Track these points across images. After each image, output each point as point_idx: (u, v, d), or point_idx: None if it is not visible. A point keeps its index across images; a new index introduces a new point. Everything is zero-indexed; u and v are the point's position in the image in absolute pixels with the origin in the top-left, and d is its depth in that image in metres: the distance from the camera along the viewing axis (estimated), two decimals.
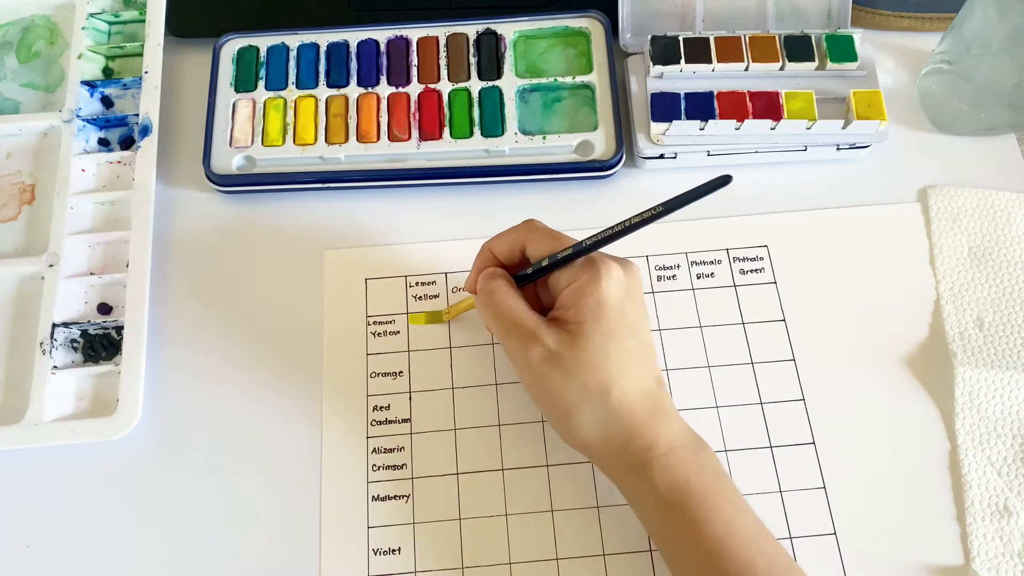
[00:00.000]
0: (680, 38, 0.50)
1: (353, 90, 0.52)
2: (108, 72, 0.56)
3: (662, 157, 0.50)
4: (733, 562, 0.34)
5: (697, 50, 0.50)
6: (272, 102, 0.52)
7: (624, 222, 0.37)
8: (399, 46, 0.54)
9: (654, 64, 0.50)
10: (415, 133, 0.51)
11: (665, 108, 0.49)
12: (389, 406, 0.46)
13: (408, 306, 0.48)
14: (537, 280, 0.40)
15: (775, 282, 0.48)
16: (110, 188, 0.51)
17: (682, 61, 0.50)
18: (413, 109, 0.52)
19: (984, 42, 0.47)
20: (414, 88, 0.52)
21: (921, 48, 0.54)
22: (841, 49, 0.50)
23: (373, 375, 0.46)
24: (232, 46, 0.54)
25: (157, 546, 0.43)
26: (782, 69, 0.50)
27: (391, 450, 0.44)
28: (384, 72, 0.53)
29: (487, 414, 0.45)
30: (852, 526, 0.42)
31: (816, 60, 0.50)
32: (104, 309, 0.49)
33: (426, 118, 0.51)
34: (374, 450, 0.45)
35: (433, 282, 0.49)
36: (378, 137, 0.51)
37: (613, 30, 0.53)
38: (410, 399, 0.46)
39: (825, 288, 0.48)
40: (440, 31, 0.54)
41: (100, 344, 0.47)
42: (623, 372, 0.37)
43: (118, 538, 0.43)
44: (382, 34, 0.54)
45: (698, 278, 0.48)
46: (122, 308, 0.48)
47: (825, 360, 0.46)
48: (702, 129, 0.49)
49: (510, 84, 0.52)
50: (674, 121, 0.49)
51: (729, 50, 0.50)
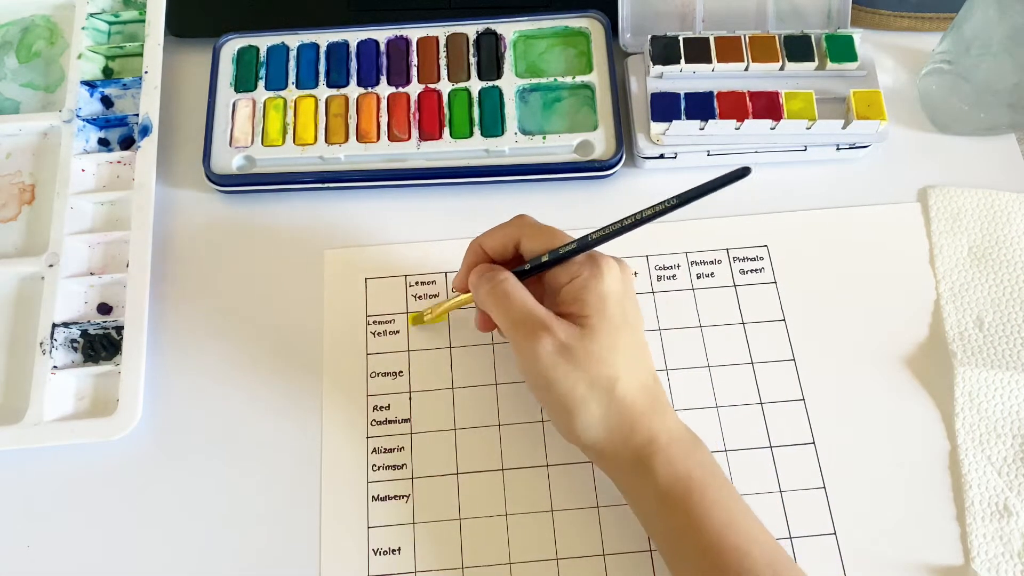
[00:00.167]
0: (680, 38, 0.50)
1: (353, 90, 0.52)
2: (108, 72, 0.56)
3: (662, 157, 0.50)
4: (732, 555, 0.34)
5: (697, 50, 0.50)
6: (272, 102, 0.52)
7: (635, 215, 0.36)
8: (399, 46, 0.54)
9: (654, 64, 0.50)
10: (415, 133, 0.51)
11: (665, 108, 0.49)
12: (389, 406, 0.46)
13: (408, 306, 0.48)
14: (533, 277, 0.40)
15: (775, 282, 0.48)
16: (110, 188, 0.51)
17: (682, 61, 0.50)
18: (413, 109, 0.52)
19: (984, 42, 0.47)
20: (414, 88, 0.52)
21: (921, 48, 0.54)
22: (841, 49, 0.50)
23: (373, 375, 0.46)
24: (232, 46, 0.54)
25: (157, 546, 0.43)
26: (782, 69, 0.50)
27: (391, 450, 0.44)
28: (384, 72, 0.53)
29: (487, 414, 0.45)
30: (852, 526, 0.42)
31: (816, 60, 0.50)
32: (104, 309, 0.49)
33: (426, 118, 0.51)
34: (374, 450, 0.45)
35: (433, 282, 0.49)
36: (378, 137, 0.51)
37: (613, 30, 0.53)
38: (410, 399, 0.46)
39: (825, 288, 0.48)
40: (440, 31, 0.54)
41: (100, 344, 0.47)
42: (627, 367, 0.37)
43: (118, 538, 0.43)
44: (382, 34, 0.54)
45: (698, 278, 0.48)
46: (122, 308, 0.48)
47: (825, 360, 0.46)
48: (702, 129, 0.49)
49: (510, 84, 0.52)
50: (674, 121, 0.49)
51: (729, 50, 0.50)
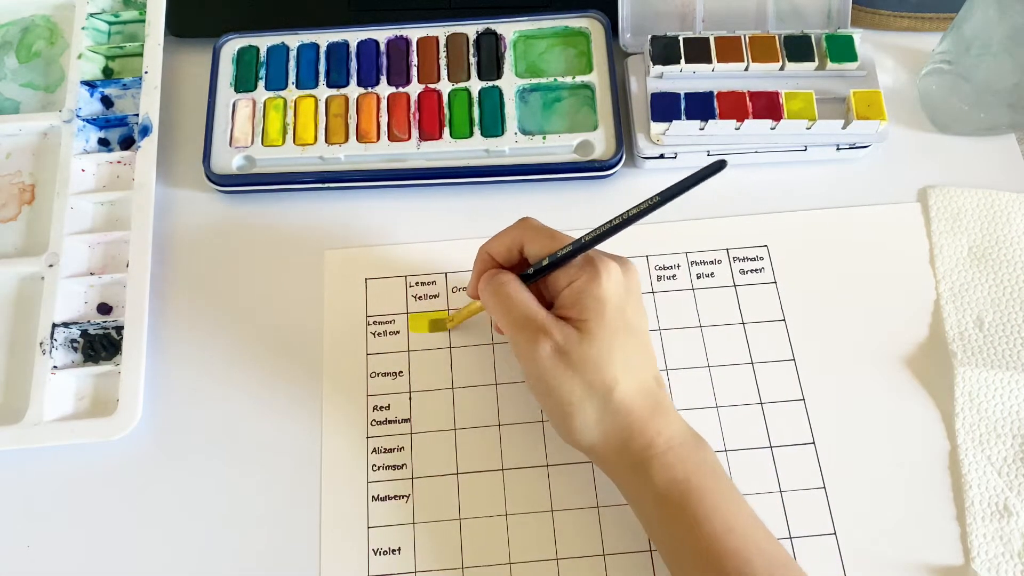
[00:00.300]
0: (680, 38, 0.50)
1: (353, 90, 0.52)
2: (108, 72, 0.56)
3: (662, 157, 0.50)
4: (731, 560, 0.34)
5: (697, 50, 0.50)
6: (272, 102, 0.52)
7: (622, 215, 0.37)
8: (399, 46, 0.54)
9: (654, 64, 0.50)
10: (415, 133, 0.51)
11: (665, 108, 0.49)
12: (389, 406, 0.46)
13: (408, 306, 0.48)
14: (538, 280, 0.40)
15: (775, 282, 0.48)
16: (110, 188, 0.51)
17: (682, 61, 0.50)
18: (413, 109, 0.52)
19: (984, 42, 0.47)
20: (414, 88, 0.52)
21: (921, 48, 0.54)
22: (841, 49, 0.50)
23: (373, 375, 0.46)
24: (232, 46, 0.54)
25: (157, 546, 0.43)
26: (782, 69, 0.50)
27: (391, 450, 0.44)
28: (384, 72, 0.53)
29: (487, 414, 0.45)
30: (852, 526, 0.42)
31: (816, 60, 0.50)
32: (104, 309, 0.49)
33: (426, 118, 0.51)
34: (374, 450, 0.45)
35: (433, 282, 0.49)
36: (378, 137, 0.51)
37: (613, 30, 0.53)
38: (410, 399, 0.46)
39: (825, 288, 0.48)
40: (440, 31, 0.54)
41: (100, 344, 0.47)
42: (625, 371, 0.37)
43: (118, 538, 0.43)
44: (382, 34, 0.54)
45: (698, 278, 0.48)
46: (122, 308, 0.48)
47: (825, 360, 0.46)
48: (702, 129, 0.49)
49: (510, 84, 0.52)
50: (674, 121, 0.49)
51: (729, 50, 0.50)
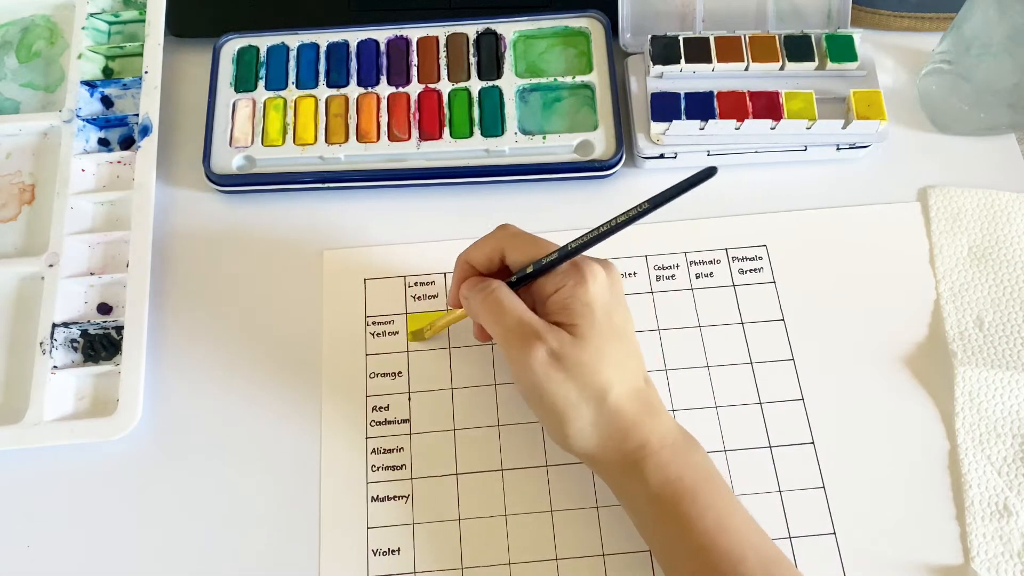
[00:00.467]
0: (680, 38, 0.50)
1: (353, 90, 0.52)
2: (108, 72, 0.56)
3: (662, 157, 0.50)
4: (725, 557, 0.34)
5: (697, 50, 0.50)
6: (272, 102, 0.52)
7: (609, 222, 0.36)
8: (399, 46, 0.54)
9: (654, 64, 0.50)
10: (415, 133, 0.51)
11: (665, 108, 0.49)
12: (388, 406, 0.46)
13: (407, 306, 0.48)
14: (521, 288, 0.39)
15: (774, 282, 0.48)
16: (110, 188, 0.51)
17: (682, 61, 0.50)
18: (413, 109, 0.52)
19: (984, 42, 0.47)
20: (414, 88, 0.52)
21: (921, 48, 0.54)
22: (841, 49, 0.50)
23: (372, 375, 0.46)
24: (232, 46, 0.54)
25: (157, 546, 0.43)
26: (782, 69, 0.50)
27: (390, 450, 0.44)
28: (384, 72, 0.53)
29: (486, 414, 0.45)
30: (851, 526, 0.42)
31: (816, 60, 0.50)
32: (104, 309, 0.49)
33: (426, 118, 0.51)
34: (373, 450, 0.45)
35: (432, 282, 0.49)
36: (378, 137, 0.51)
37: (613, 30, 0.53)
38: (409, 399, 0.46)
39: (824, 288, 0.48)
40: (440, 31, 0.54)
41: (100, 344, 0.47)
42: (617, 374, 0.37)
43: (118, 538, 0.43)
44: (382, 34, 0.54)
45: (697, 278, 0.48)
46: (122, 308, 0.48)
47: (824, 360, 0.46)
48: (702, 129, 0.49)
49: (510, 84, 0.52)
50: (674, 121, 0.49)
51: (729, 50, 0.50)
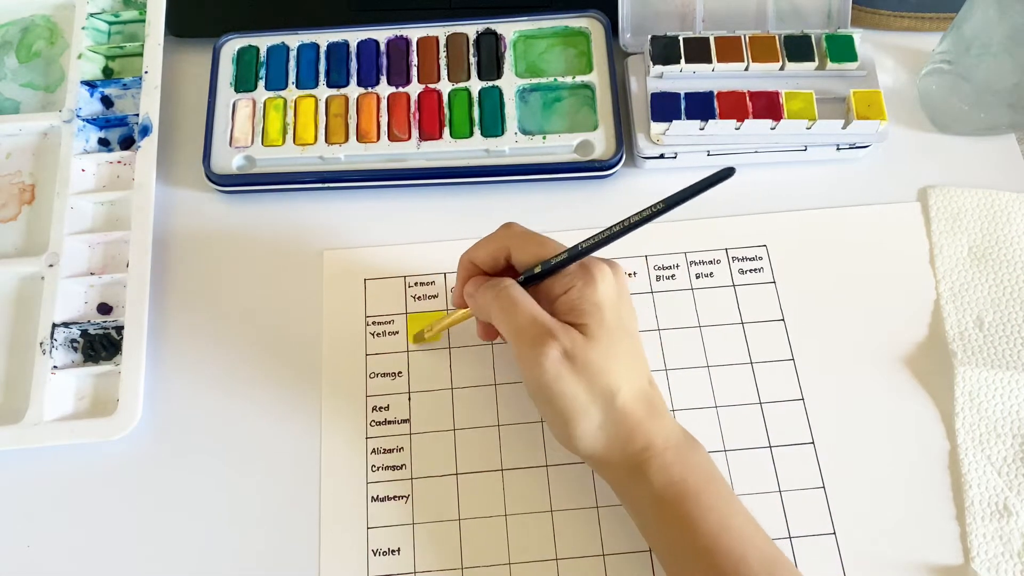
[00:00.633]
0: (680, 38, 0.50)
1: (353, 90, 0.52)
2: (108, 72, 0.56)
3: (662, 157, 0.50)
4: (727, 558, 0.34)
5: (697, 50, 0.50)
6: (272, 102, 0.52)
7: (622, 222, 0.36)
8: (399, 46, 0.54)
9: (654, 64, 0.50)
10: (415, 133, 0.51)
11: (665, 108, 0.49)
12: (388, 406, 0.46)
13: (407, 306, 0.48)
14: (528, 288, 0.38)
15: (774, 282, 0.48)
16: (110, 188, 0.51)
17: (682, 61, 0.50)
18: (413, 109, 0.52)
19: (984, 42, 0.47)
20: (414, 88, 0.52)
21: (921, 48, 0.54)
22: (841, 49, 0.50)
23: (372, 375, 0.46)
24: (232, 46, 0.54)
25: (157, 546, 0.43)
26: (782, 69, 0.50)
27: (390, 450, 0.44)
28: (384, 72, 0.53)
29: (486, 414, 0.45)
30: (851, 526, 0.42)
31: (816, 60, 0.50)
32: (104, 309, 0.49)
33: (426, 118, 0.51)
34: (373, 450, 0.45)
35: (432, 282, 0.49)
36: (378, 137, 0.51)
37: (613, 30, 0.53)
38: (409, 399, 0.46)
39: (824, 288, 0.48)
40: (440, 31, 0.54)
41: (100, 344, 0.47)
42: (625, 375, 0.37)
43: (118, 538, 0.43)
44: (382, 34, 0.54)
45: (697, 278, 0.48)
46: (122, 308, 0.48)
47: (824, 360, 0.46)
48: (702, 129, 0.49)
49: (510, 84, 0.52)
50: (674, 121, 0.49)
51: (729, 50, 0.50)
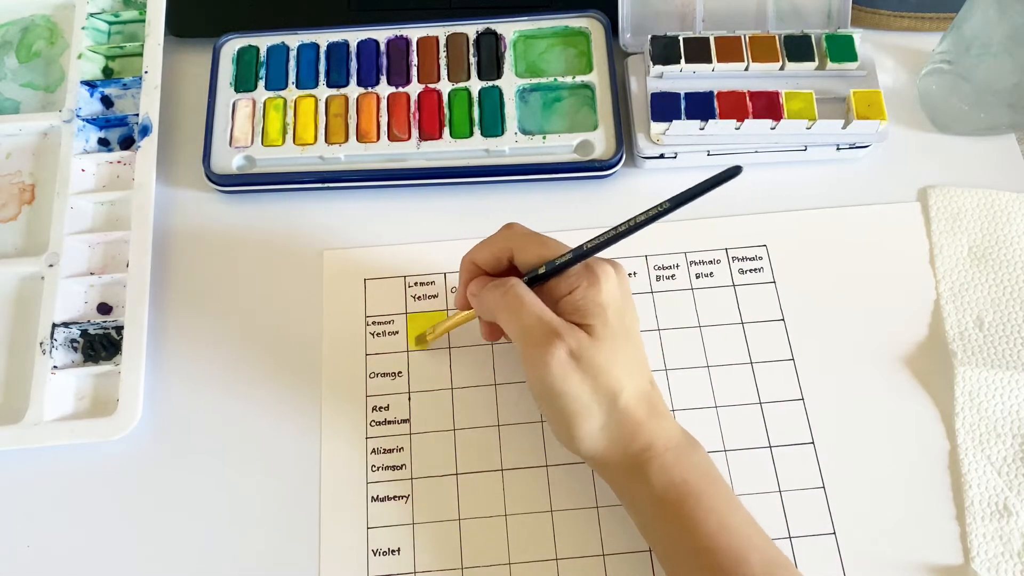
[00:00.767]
0: (680, 38, 0.50)
1: (353, 90, 0.52)
2: (108, 72, 0.56)
3: (662, 157, 0.50)
4: (728, 558, 0.34)
5: (697, 50, 0.50)
6: (272, 102, 0.52)
7: (628, 222, 0.36)
8: (399, 46, 0.54)
9: (654, 64, 0.50)
10: (415, 133, 0.51)
11: (665, 108, 0.49)
12: (388, 406, 0.46)
13: (407, 306, 0.48)
14: (532, 289, 0.38)
15: (774, 282, 0.48)
16: (110, 188, 0.51)
17: (682, 61, 0.50)
18: (413, 109, 0.52)
19: (984, 42, 0.47)
20: (414, 88, 0.52)
21: (921, 48, 0.54)
22: (841, 49, 0.50)
23: (372, 375, 0.46)
24: (232, 46, 0.54)
25: (157, 546, 0.43)
26: (782, 69, 0.50)
27: (390, 450, 0.44)
28: (384, 72, 0.53)
29: (486, 414, 0.45)
30: (851, 526, 0.42)
31: (816, 60, 0.50)
32: (104, 309, 0.49)
33: (426, 118, 0.51)
34: (373, 450, 0.45)
35: (432, 282, 0.49)
36: (378, 137, 0.51)
37: (613, 30, 0.53)
38: (409, 399, 0.46)
39: (824, 288, 0.48)
40: (440, 31, 0.54)
41: (100, 344, 0.47)
42: (628, 375, 0.37)
43: (118, 538, 0.43)
44: (382, 34, 0.54)
45: (697, 278, 0.48)
46: (122, 308, 0.48)
47: (824, 360, 0.46)
48: (702, 129, 0.49)
49: (510, 84, 0.52)
50: (674, 121, 0.49)
51: (729, 50, 0.50)
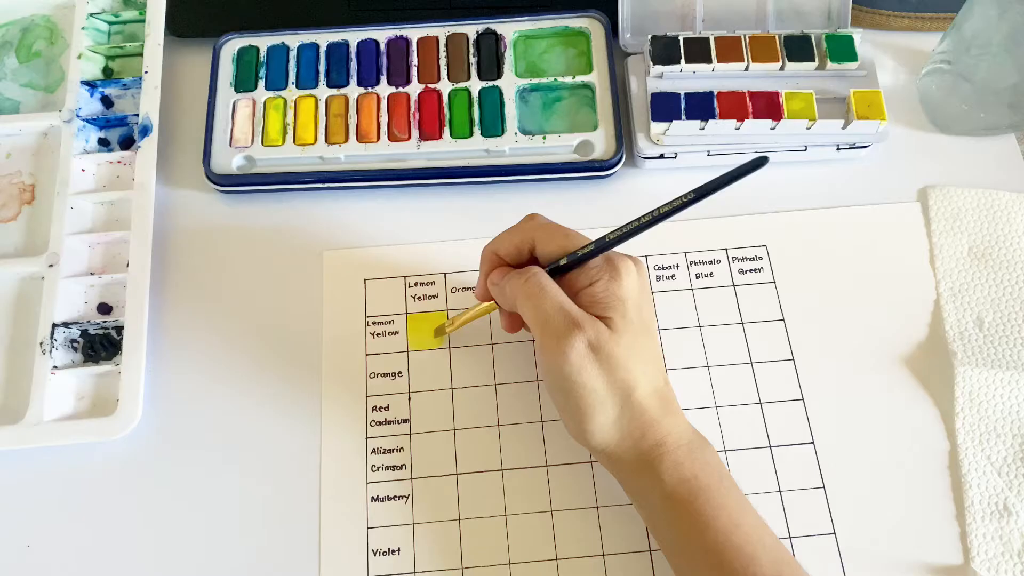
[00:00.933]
0: (680, 38, 0.50)
1: (353, 90, 0.52)
2: (108, 72, 0.56)
3: (662, 157, 0.50)
4: (738, 556, 0.35)
5: (697, 50, 0.50)
6: (272, 102, 0.52)
7: (651, 212, 0.36)
8: (399, 46, 0.54)
9: (654, 64, 0.50)
10: (415, 133, 0.51)
11: (665, 108, 0.49)
12: (388, 406, 0.46)
13: (407, 306, 0.48)
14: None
15: (774, 282, 0.48)
16: (110, 188, 0.51)
17: (682, 61, 0.50)
18: (413, 109, 0.52)
19: (984, 42, 0.47)
20: (414, 88, 0.52)
21: (921, 48, 0.54)
22: (841, 49, 0.50)
23: (372, 375, 0.46)
24: (232, 46, 0.54)
25: (157, 546, 0.43)
26: (782, 69, 0.50)
27: (390, 450, 0.44)
28: (384, 72, 0.53)
29: (487, 414, 0.45)
30: (852, 526, 0.42)
31: (816, 60, 0.50)
32: (104, 309, 0.49)
33: (426, 118, 0.51)
34: (373, 450, 0.45)
35: (432, 282, 0.49)
36: (378, 137, 0.51)
37: (613, 30, 0.53)
38: (409, 399, 0.46)
39: (824, 288, 0.48)
40: (440, 31, 0.54)
41: (100, 344, 0.47)
42: (643, 371, 0.37)
43: (118, 538, 0.43)
44: (382, 34, 0.54)
45: (697, 278, 0.48)
46: (122, 308, 0.48)
47: (824, 360, 0.46)
48: (702, 129, 0.49)
49: (510, 84, 0.52)
50: (674, 121, 0.49)
51: (729, 50, 0.50)
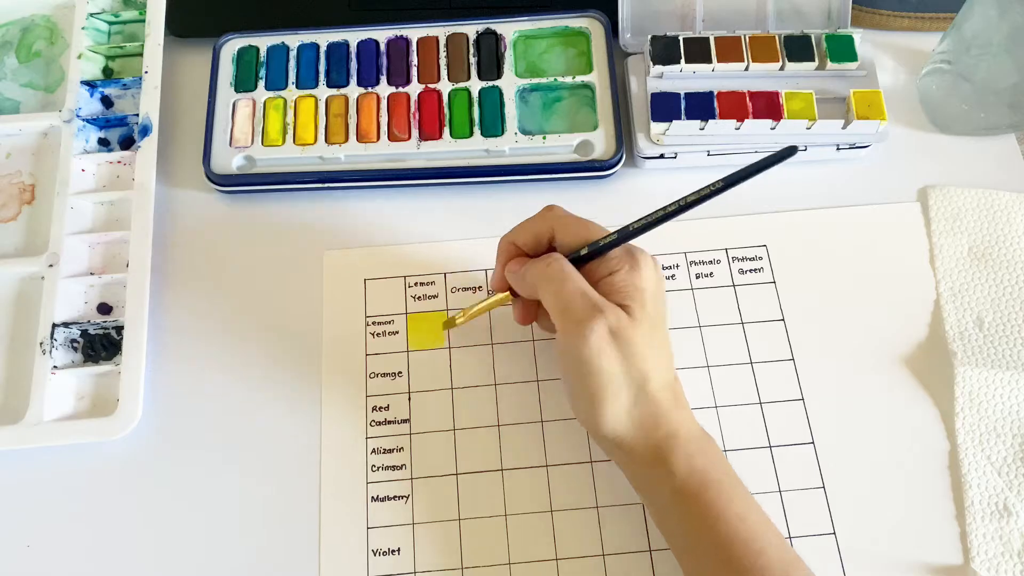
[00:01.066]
0: (680, 38, 0.50)
1: (353, 90, 0.52)
2: (108, 72, 0.56)
3: (662, 157, 0.50)
4: (747, 549, 0.35)
5: (697, 50, 0.50)
6: (272, 102, 0.52)
7: (678, 201, 0.36)
8: (399, 46, 0.54)
9: (654, 64, 0.50)
10: (415, 133, 0.51)
11: (665, 108, 0.49)
12: (388, 406, 0.46)
13: (407, 306, 0.48)
14: None
15: (774, 282, 0.48)
16: (110, 188, 0.51)
17: (682, 61, 0.50)
18: (413, 109, 0.52)
19: (984, 42, 0.47)
20: (414, 88, 0.52)
21: (921, 48, 0.54)
22: (841, 49, 0.50)
23: (372, 375, 0.46)
24: (232, 46, 0.54)
25: (157, 546, 0.43)
26: (782, 69, 0.50)
27: (391, 450, 0.44)
28: (384, 72, 0.53)
29: (487, 414, 0.45)
30: (851, 526, 0.42)
31: (816, 60, 0.50)
32: (104, 309, 0.49)
33: (426, 118, 0.51)
34: (373, 451, 0.45)
35: (432, 282, 0.49)
36: (378, 137, 0.51)
37: (613, 30, 0.53)
38: (409, 399, 0.46)
39: (824, 288, 0.48)
40: (440, 31, 0.54)
41: (100, 344, 0.47)
42: (658, 362, 0.37)
43: (118, 538, 0.43)
44: (382, 34, 0.54)
45: (697, 278, 0.48)
46: (122, 308, 0.48)
47: (824, 360, 0.46)
48: (702, 129, 0.49)
49: (510, 84, 0.52)
50: (674, 121, 0.49)
51: (729, 50, 0.50)
